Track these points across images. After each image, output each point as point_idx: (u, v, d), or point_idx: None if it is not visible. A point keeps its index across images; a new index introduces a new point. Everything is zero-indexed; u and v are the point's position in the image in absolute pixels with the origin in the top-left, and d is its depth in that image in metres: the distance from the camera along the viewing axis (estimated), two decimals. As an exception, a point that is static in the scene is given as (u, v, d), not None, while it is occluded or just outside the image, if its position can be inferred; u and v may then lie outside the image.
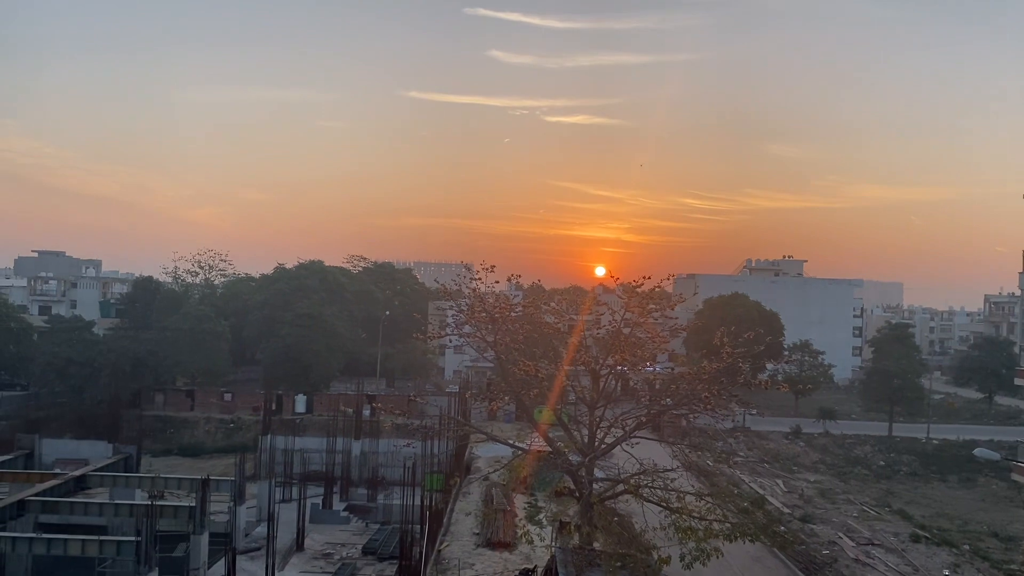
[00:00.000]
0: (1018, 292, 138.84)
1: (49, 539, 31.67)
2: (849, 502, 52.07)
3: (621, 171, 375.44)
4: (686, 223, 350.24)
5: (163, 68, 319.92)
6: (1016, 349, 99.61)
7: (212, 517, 37.55)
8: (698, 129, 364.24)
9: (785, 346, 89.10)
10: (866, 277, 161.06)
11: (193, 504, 36.08)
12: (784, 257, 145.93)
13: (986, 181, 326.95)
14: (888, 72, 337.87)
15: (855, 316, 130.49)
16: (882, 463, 66.45)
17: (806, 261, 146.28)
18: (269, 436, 51.73)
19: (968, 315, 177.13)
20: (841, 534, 43.33)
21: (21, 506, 35.98)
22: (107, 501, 39.28)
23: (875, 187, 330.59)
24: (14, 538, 31.95)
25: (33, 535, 32.78)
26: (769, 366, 76.09)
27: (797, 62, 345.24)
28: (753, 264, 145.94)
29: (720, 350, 26.99)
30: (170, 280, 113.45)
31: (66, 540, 31.25)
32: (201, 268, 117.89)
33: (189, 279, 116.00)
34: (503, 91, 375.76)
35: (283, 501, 44.59)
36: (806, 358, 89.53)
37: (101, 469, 43.98)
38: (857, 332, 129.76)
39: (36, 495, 37.66)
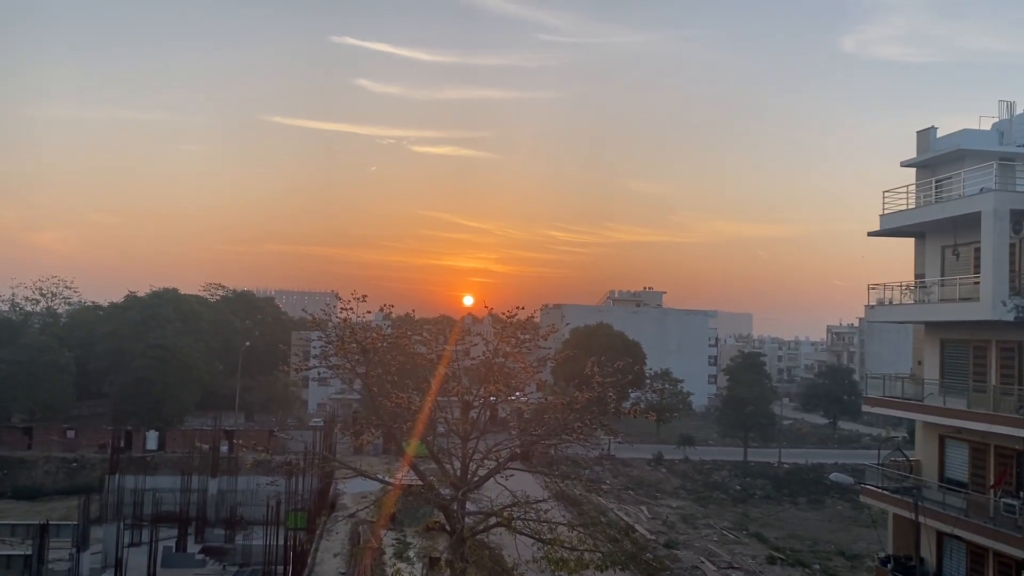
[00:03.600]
0: (857, 323, 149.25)
1: None
2: (709, 526, 53.78)
3: (488, 202, 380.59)
4: (551, 254, 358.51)
5: (4, 83, 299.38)
6: (857, 376, 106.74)
7: (51, 566, 34.68)
8: (561, 163, 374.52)
9: (647, 374, 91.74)
10: (719, 308, 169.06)
11: (29, 552, 33.22)
12: (645, 288, 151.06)
13: (825, 219, 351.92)
14: (739, 117, 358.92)
15: (710, 345, 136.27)
16: (738, 487, 69.14)
17: (665, 292, 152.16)
18: (117, 475, 48.71)
19: (812, 344, 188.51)
20: (703, 559, 44.60)
21: None
22: (-73, 553, 35.62)
23: (726, 223, 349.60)
24: None
25: None
26: (632, 394, 78.04)
27: (656, 104, 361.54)
28: (616, 295, 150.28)
29: (590, 380, 27.27)
30: (7, 308, 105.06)
31: None
32: (43, 295, 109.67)
33: (29, 307, 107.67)
34: (370, 120, 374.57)
35: (132, 545, 41.90)
36: (667, 386, 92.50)
37: (-79, 517, 39.92)
38: (712, 361, 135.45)
39: None
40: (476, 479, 28.26)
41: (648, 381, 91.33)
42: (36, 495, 63.46)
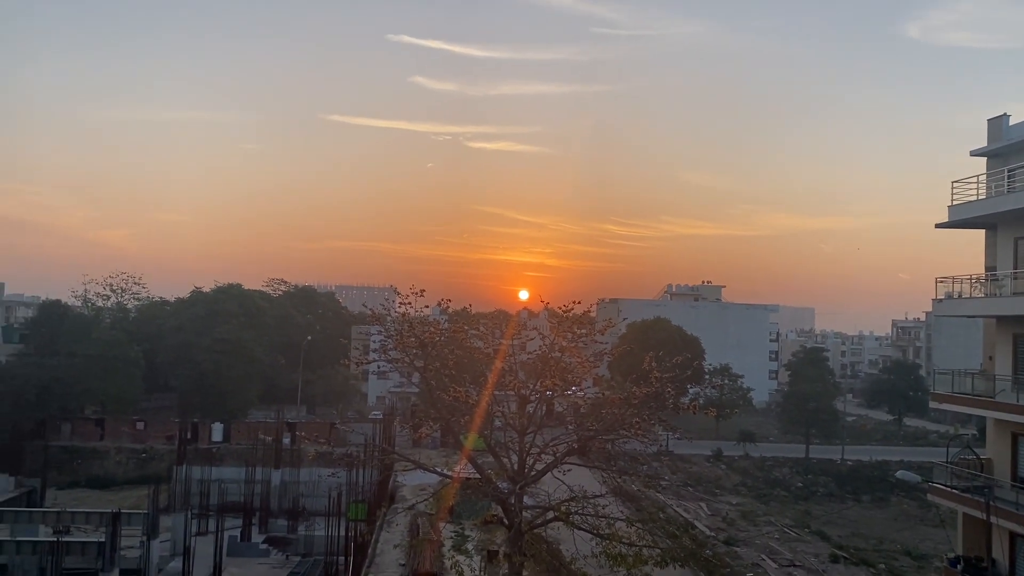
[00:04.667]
0: (923, 317, 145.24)
1: (-58, 581, 29.64)
2: (770, 524, 53.00)
3: (543, 197, 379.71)
4: (607, 248, 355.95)
5: (74, 84, 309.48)
6: (923, 372, 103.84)
7: (123, 553, 35.76)
8: (618, 157, 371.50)
9: (706, 370, 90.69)
10: (780, 302, 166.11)
11: (102, 539, 34.34)
12: (703, 282, 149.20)
13: (890, 211, 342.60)
14: (800, 107, 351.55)
15: (771, 340, 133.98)
16: (800, 484, 67.99)
17: (724, 287, 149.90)
18: (184, 466, 49.88)
19: (877, 339, 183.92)
20: (764, 556, 43.97)
21: (-89, 546, 33.62)
22: (8, 538, 37.04)
23: (787, 216, 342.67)
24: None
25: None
26: (691, 390, 77.23)
27: (713, 95, 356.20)
28: (674, 289, 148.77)
29: (648, 375, 27.10)
30: (79, 304, 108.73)
31: (-38, 582, 29.30)
32: (113, 291, 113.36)
33: (100, 303, 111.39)
34: (426, 117, 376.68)
35: (199, 534, 42.90)
36: (726, 382, 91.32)
37: (2, 504, 41.57)
38: (773, 356, 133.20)
39: (-72, 533, 35.30)
40: (533, 473, 28.33)
41: (707, 377, 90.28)
42: (108, 484, 65.66)
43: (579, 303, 28.17)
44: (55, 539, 31.51)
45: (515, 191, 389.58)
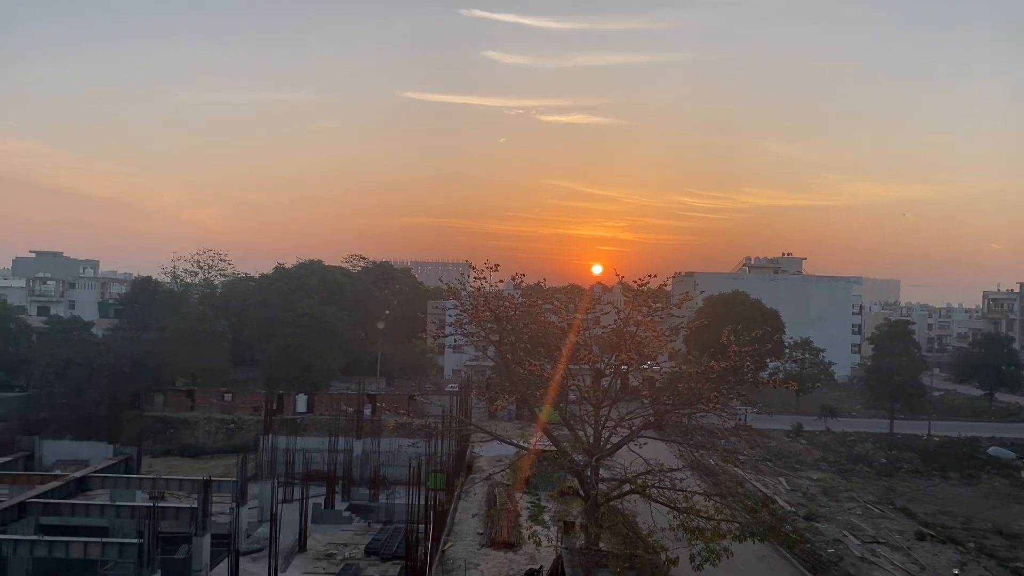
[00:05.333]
0: (1016, 289, 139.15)
1: (51, 542, 31.38)
2: (852, 500, 51.94)
3: (617, 170, 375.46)
4: (683, 221, 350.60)
5: (160, 68, 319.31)
6: (1016, 346, 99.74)
7: (214, 518, 37.28)
8: (694, 128, 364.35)
9: (786, 344, 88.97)
10: (863, 274, 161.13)
11: (195, 505, 35.81)
12: (783, 255, 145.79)
13: (980, 178, 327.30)
14: (883, 71, 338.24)
15: (854, 313, 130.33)
16: (884, 460, 66.35)
17: (805, 259, 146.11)
18: (270, 436, 51.48)
19: (966, 312, 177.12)
20: (846, 532, 43.19)
21: (22, 508, 35.68)
22: (108, 503, 38.98)
23: (871, 185, 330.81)
24: (15, 541, 31.66)
25: (35, 538, 32.51)
26: (771, 364, 75.99)
27: (792, 62, 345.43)
28: (752, 262, 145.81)
29: (726, 349, 26.85)
30: (169, 280, 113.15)
31: (68, 543, 30.98)
32: (200, 268, 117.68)
33: (188, 279, 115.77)
34: (499, 91, 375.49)
35: (285, 501, 44.37)
36: (807, 356, 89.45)
37: (102, 470, 43.64)
38: (856, 329, 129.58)
39: (37, 497, 37.35)
40: (609, 446, 28.46)
41: (787, 351, 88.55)
42: (199, 453, 68.52)
43: (654, 277, 28.04)
44: (151, 504, 32.99)
45: (588, 164, 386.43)
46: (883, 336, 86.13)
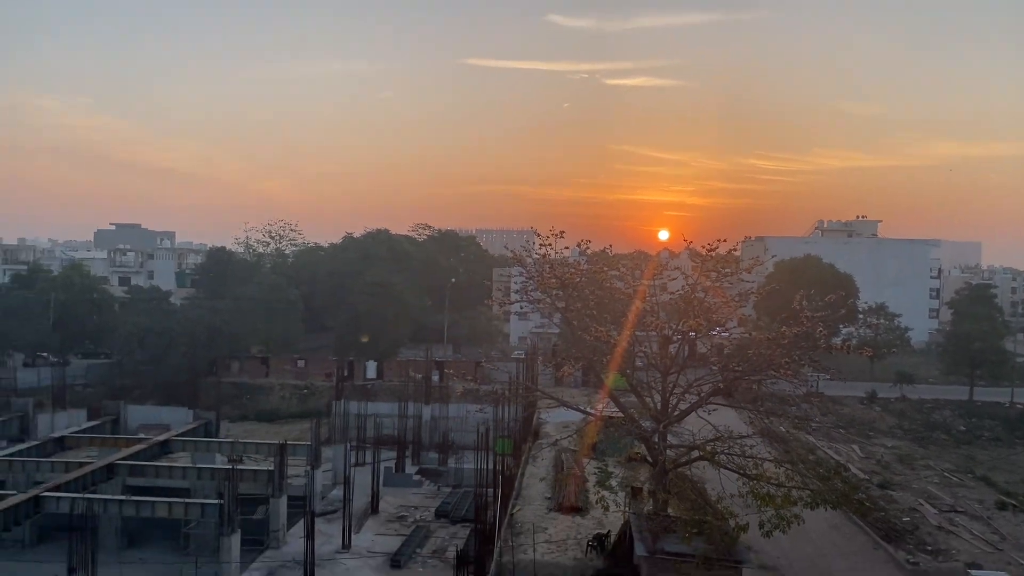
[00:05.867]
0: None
1: (138, 502, 32.92)
2: (929, 468, 50.71)
3: (684, 134, 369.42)
4: (753, 184, 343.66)
5: (229, 45, 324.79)
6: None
7: (289, 481, 38.54)
8: (764, 89, 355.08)
9: (860, 309, 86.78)
10: (943, 237, 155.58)
11: (272, 468, 37.05)
12: (857, 218, 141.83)
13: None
14: (961, 23, 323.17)
15: (932, 277, 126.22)
16: (963, 428, 64.55)
17: (880, 222, 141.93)
18: (342, 401, 52.74)
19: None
20: (922, 501, 42.22)
21: (110, 470, 37.45)
22: (190, 465, 40.64)
23: (950, 143, 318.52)
24: (106, 500, 33.29)
25: (123, 498, 34.10)
26: (844, 329, 74.27)
27: (866, 17, 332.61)
28: (825, 225, 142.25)
29: (798, 315, 26.30)
30: (242, 250, 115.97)
31: (154, 503, 32.45)
32: (272, 238, 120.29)
33: (260, 249, 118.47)
34: (562, 55, 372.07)
35: (357, 465, 45.52)
36: (882, 321, 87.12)
37: (183, 434, 45.45)
38: (934, 294, 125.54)
39: (124, 459, 39.15)
40: (677, 413, 28.31)
41: (861, 316, 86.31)
42: (274, 418, 70.53)
43: (723, 242, 27.60)
44: (230, 467, 34.25)
45: (654, 128, 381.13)
46: (963, 301, 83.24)
